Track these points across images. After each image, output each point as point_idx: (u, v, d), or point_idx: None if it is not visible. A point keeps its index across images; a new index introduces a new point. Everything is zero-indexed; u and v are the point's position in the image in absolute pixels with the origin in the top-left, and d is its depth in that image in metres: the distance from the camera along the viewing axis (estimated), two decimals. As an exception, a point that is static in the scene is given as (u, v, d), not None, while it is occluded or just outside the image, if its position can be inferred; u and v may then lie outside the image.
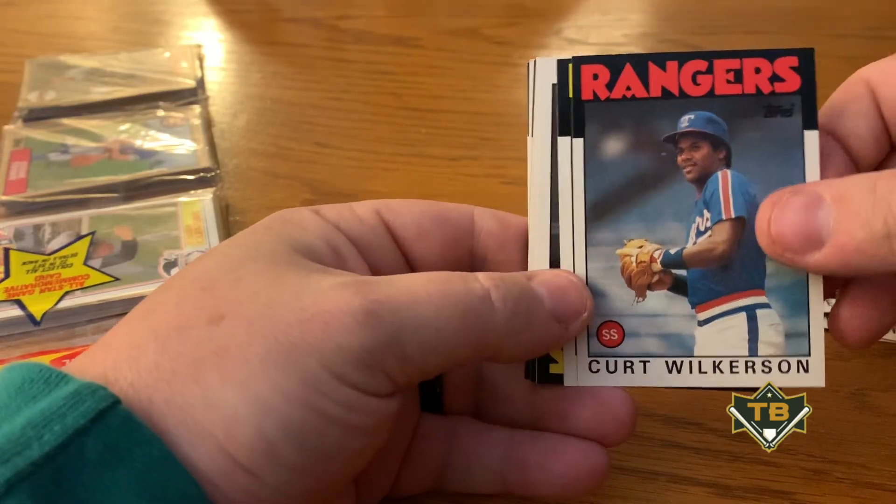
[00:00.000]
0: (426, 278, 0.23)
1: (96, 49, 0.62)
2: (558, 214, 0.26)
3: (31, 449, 0.18)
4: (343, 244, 0.25)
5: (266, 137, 0.52)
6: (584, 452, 0.26)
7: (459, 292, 0.23)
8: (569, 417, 0.26)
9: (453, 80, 0.58)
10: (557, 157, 0.26)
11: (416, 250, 0.27)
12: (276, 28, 0.68)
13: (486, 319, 0.23)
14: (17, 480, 0.17)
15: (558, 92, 0.26)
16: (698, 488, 0.30)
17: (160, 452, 0.19)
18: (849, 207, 0.22)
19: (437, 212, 0.27)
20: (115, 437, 0.19)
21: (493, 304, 0.23)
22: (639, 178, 0.26)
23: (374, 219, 0.26)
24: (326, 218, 0.26)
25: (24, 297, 0.38)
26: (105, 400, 0.19)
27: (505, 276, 0.24)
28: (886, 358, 0.35)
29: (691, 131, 0.26)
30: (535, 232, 0.26)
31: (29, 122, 0.52)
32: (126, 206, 0.44)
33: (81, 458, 0.18)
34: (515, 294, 0.24)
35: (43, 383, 0.20)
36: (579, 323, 0.25)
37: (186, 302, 0.22)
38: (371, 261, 0.26)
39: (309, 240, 0.24)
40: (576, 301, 0.25)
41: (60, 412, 0.19)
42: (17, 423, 0.19)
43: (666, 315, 0.26)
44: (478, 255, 0.28)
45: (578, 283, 0.25)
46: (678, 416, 0.32)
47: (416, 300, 0.22)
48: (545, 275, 0.25)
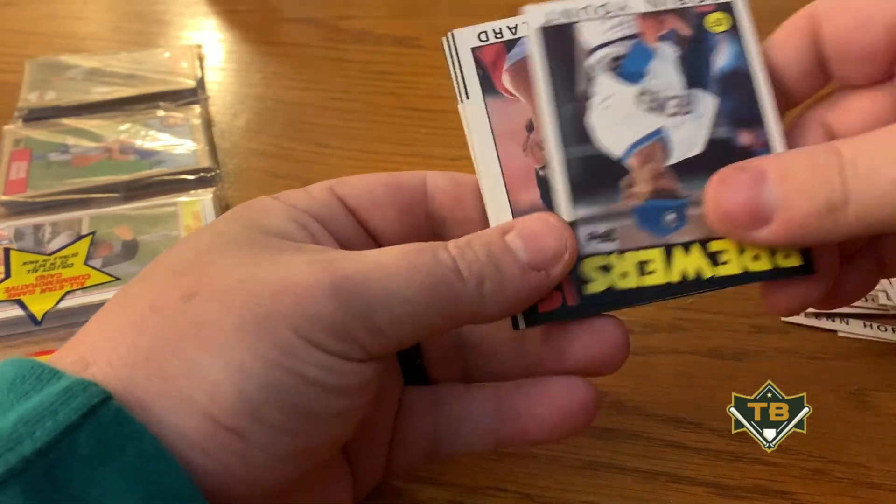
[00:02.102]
0: (396, 250, 0.23)
1: (96, 49, 0.62)
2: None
3: (22, 445, 0.18)
4: (308, 221, 0.25)
5: (266, 137, 0.52)
6: (570, 389, 0.26)
7: (427, 263, 0.23)
8: (563, 354, 0.26)
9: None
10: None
11: (372, 219, 0.27)
12: (276, 28, 0.68)
13: (455, 288, 0.23)
14: (9, 476, 0.17)
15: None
16: (698, 488, 0.30)
17: (152, 447, 0.19)
18: (792, 183, 0.22)
19: (388, 179, 0.28)
20: (106, 432, 0.19)
21: (461, 272, 0.23)
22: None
23: (327, 195, 0.27)
24: (286, 201, 0.26)
25: (24, 297, 0.38)
26: (97, 396, 0.19)
27: (472, 240, 0.24)
28: (886, 358, 0.35)
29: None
30: (486, 182, 0.26)
31: (29, 122, 0.52)
32: (126, 206, 0.44)
33: (73, 454, 0.18)
34: (482, 258, 0.23)
35: (35, 380, 0.20)
36: (561, 266, 0.24)
37: (159, 285, 0.22)
38: (335, 235, 0.26)
39: (277, 222, 0.25)
40: (553, 244, 0.24)
41: (52, 408, 0.19)
42: (9, 419, 0.19)
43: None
44: (436, 216, 0.28)
45: (556, 223, 0.25)
46: (678, 416, 0.32)
47: (386, 273, 0.22)
48: (521, 223, 0.25)
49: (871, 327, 0.36)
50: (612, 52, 0.26)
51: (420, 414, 0.28)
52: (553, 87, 0.26)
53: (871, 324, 0.36)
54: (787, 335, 0.36)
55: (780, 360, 0.35)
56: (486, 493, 0.30)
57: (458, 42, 0.28)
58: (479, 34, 0.28)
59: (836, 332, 0.36)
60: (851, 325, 0.36)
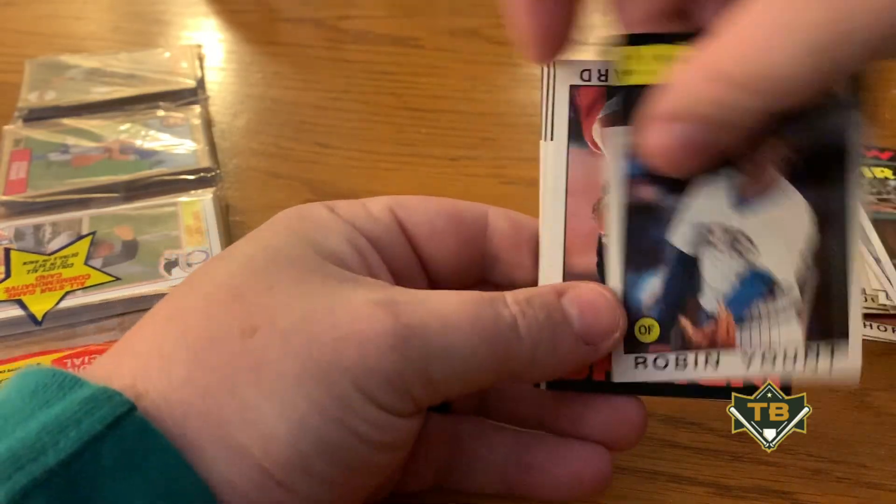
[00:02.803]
0: (457, 300, 0.23)
1: (96, 49, 0.62)
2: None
3: (46, 455, 0.18)
4: (364, 246, 0.25)
5: (266, 137, 0.52)
6: (589, 457, 0.26)
7: (488, 319, 0.22)
8: (580, 421, 0.26)
9: (453, 80, 0.58)
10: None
11: (429, 249, 0.27)
12: (276, 28, 0.68)
13: (511, 348, 0.23)
14: (32, 487, 0.17)
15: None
16: (698, 488, 0.30)
17: (175, 460, 0.19)
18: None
19: (451, 210, 0.27)
20: (130, 443, 0.19)
21: (520, 332, 0.23)
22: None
23: (388, 217, 0.26)
24: (343, 216, 0.25)
25: (24, 297, 0.38)
26: (121, 406, 0.19)
27: (533, 298, 0.23)
28: (886, 358, 0.35)
29: None
30: (546, 236, 0.25)
31: (29, 122, 0.52)
32: (126, 206, 0.44)
33: (97, 465, 0.18)
34: (541, 321, 0.23)
35: (56, 387, 0.20)
36: (610, 343, 0.24)
37: (216, 310, 0.22)
38: (387, 260, 0.26)
39: (333, 243, 0.24)
40: (607, 321, 0.24)
41: (76, 417, 0.19)
42: (32, 428, 0.18)
43: None
44: (489, 255, 0.27)
45: (612, 299, 0.24)
46: (678, 416, 0.32)
47: (447, 326, 0.22)
48: (577, 290, 0.24)
49: (871, 327, 0.36)
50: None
51: (438, 442, 0.27)
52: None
53: (871, 324, 0.36)
54: (787, 335, 0.36)
55: (780, 360, 0.35)
56: (486, 492, 0.30)
57: (557, 76, 0.25)
58: (582, 72, 0.25)
59: (836, 332, 0.36)
60: (851, 325, 0.36)
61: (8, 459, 0.18)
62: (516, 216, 0.28)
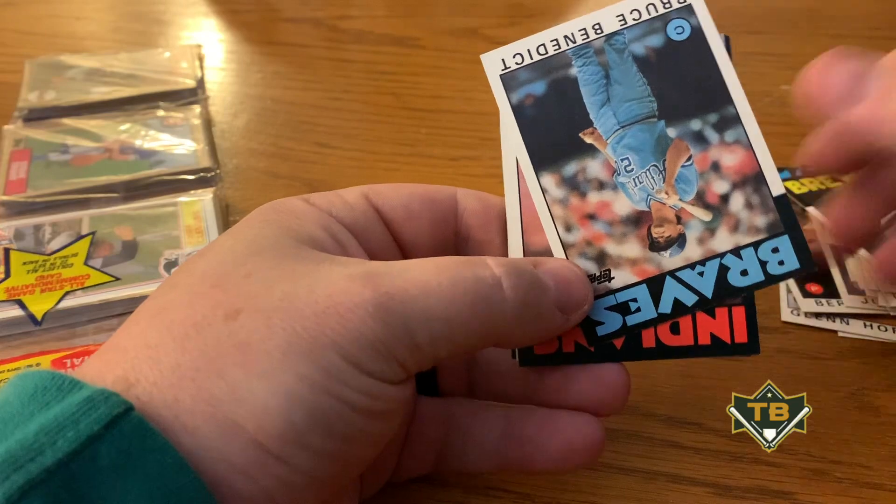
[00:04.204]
0: (434, 266, 0.23)
1: (96, 49, 0.62)
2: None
3: (44, 455, 0.18)
4: (340, 231, 0.26)
5: (266, 137, 0.52)
6: (578, 426, 0.26)
7: (469, 279, 0.23)
8: (563, 390, 0.27)
9: (453, 80, 0.58)
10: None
11: (405, 232, 0.27)
12: (276, 28, 0.68)
13: (496, 308, 0.23)
14: (30, 487, 0.17)
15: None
16: (698, 488, 0.30)
17: (173, 460, 0.19)
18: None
19: (424, 193, 0.28)
20: (128, 443, 0.19)
21: (505, 292, 0.23)
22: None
23: (364, 203, 0.27)
24: (318, 205, 0.26)
25: (24, 297, 0.38)
26: (118, 406, 0.19)
27: (513, 263, 0.24)
28: (886, 358, 0.35)
29: None
30: (510, 215, 0.27)
31: (29, 122, 0.52)
32: (126, 206, 0.44)
33: (95, 465, 0.18)
34: (526, 283, 0.24)
35: (56, 390, 0.20)
36: (580, 315, 0.26)
37: (198, 299, 0.22)
38: (364, 244, 0.26)
39: (308, 229, 0.25)
40: (578, 293, 0.25)
41: (74, 418, 0.19)
42: (31, 429, 0.18)
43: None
44: (461, 234, 0.28)
45: (581, 273, 0.26)
46: (678, 416, 0.32)
47: (427, 290, 0.22)
48: (551, 264, 0.25)
49: (871, 327, 0.36)
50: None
51: (431, 424, 0.28)
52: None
53: (871, 324, 0.36)
54: (788, 335, 0.36)
55: (780, 360, 0.35)
56: (486, 492, 0.30)
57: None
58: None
59: (836, 332, 0.36)
60: (851, 325, 0.36)
61: (6, 460, 0.18)
62: (484, 196, 0.28)
